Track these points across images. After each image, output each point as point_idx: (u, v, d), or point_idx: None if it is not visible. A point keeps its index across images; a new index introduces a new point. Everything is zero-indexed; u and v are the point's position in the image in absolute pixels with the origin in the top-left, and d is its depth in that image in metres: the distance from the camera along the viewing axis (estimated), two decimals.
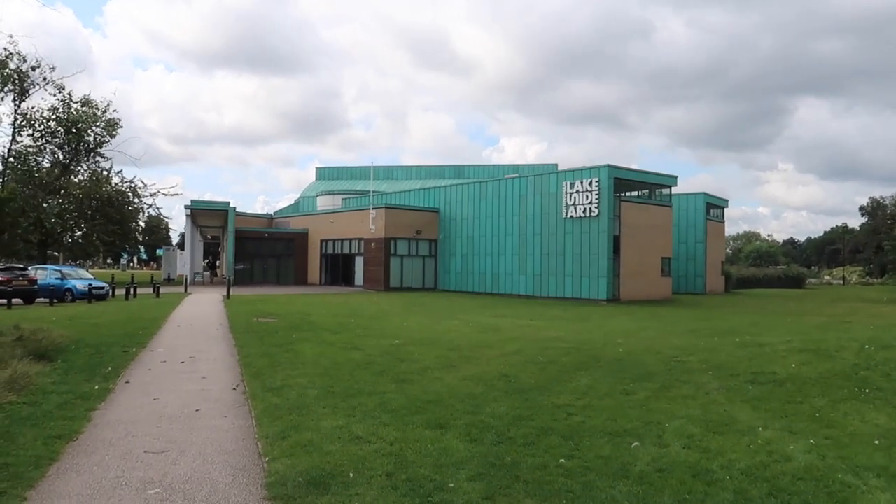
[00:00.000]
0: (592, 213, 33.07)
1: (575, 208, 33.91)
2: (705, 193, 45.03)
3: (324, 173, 75.05)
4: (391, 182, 67.40)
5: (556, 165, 61.17)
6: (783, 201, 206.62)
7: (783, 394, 8.79)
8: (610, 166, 32.76)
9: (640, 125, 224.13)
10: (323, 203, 57.95)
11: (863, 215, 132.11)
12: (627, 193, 35.44)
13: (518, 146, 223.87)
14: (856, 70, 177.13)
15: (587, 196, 33.34)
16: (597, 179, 32.90)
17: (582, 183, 33.59)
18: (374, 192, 45.12)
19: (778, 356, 11.46)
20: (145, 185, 44.86)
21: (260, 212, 65.80)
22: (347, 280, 43.94)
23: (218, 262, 65.89)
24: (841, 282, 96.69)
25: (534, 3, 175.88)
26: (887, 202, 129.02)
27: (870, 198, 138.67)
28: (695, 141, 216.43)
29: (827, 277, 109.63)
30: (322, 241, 46.17)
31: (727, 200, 49.32)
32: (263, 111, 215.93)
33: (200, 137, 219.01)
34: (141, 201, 45.40)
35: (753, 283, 55.20)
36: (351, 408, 7.63)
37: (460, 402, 8.15)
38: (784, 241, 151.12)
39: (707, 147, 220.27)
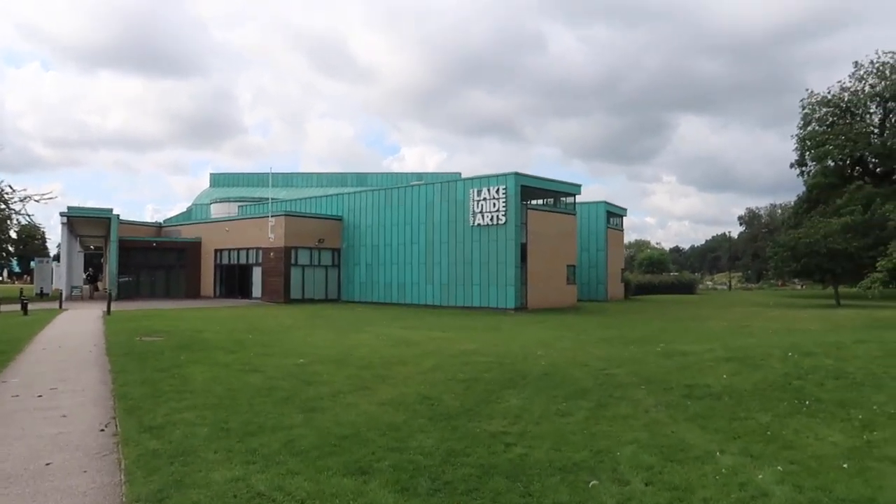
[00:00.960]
0: (500, 221, 32.69)
1: (482, 216, 33.43)
2: (605, 202, 45.98)
3: (218, 180, 71.34)
4: (291, 189, 64.89)
5: (460, 174, 60.96)
6: (668, 211, 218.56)
7: (724, 409, 8.23)
8: (517, 174, 32.53)
9: (535, 136, 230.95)
10: (217, 211, 54.82)
11: (741, 224, 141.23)
12: (533, 201, 35.37)
13: (419, 155, 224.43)
14: (730, 89, 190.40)
15: (494, 203, 32.94)
16: (504, 187, 32.58)
17: (489, 190, 33.17)
18: (273, 198, 42.93)
19: (706, 366, 11.05)
20: (13, 191, 40.60)
21: (150, 220, 61.52)
22: (244, 292, 41.45)
23: (100, 275, 61.06)
24: (726, 287, 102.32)
25: (430, 12, 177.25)
26: (762, 212, 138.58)
27: (746, 208, 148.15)
28: (587, 153, 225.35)
29: (710, 283, 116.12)
30: (216, 250, 43.40)
31: (626, 209, 50.76)
32: (153, 115, 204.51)
33: (83, 141, 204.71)
34: (9, 208, 41.01)
35: (650, 289, 57.08)
36: (250, 451, 6.29)
37: (381, 435, 7.00)
38: (670, 249, 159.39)
39: (598, 159, 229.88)
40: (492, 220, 33.04)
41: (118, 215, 39.27)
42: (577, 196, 37.46)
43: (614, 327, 22.82)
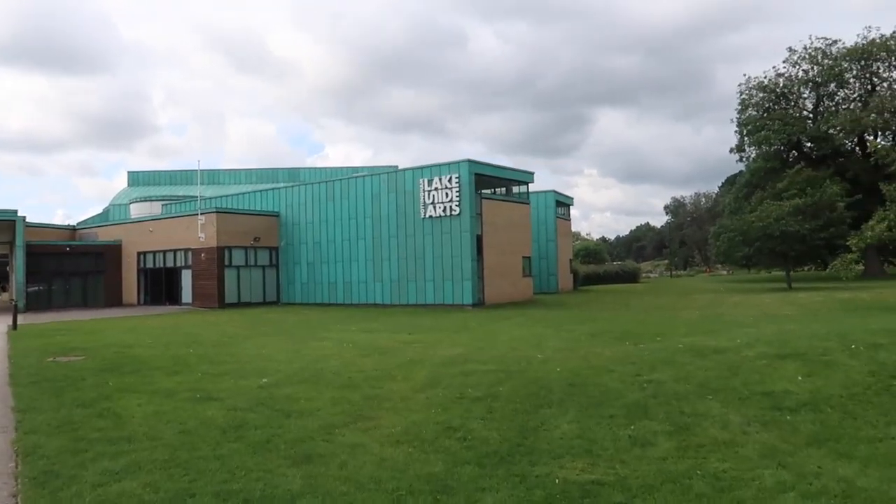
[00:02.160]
0: (453, 212, 30.66)
1: (434, 207, 31.32)
2: (554, 191, 44.71)
3: (138, 178, 66.29)
4: (218, 187, 60.82)
5: (397, 167, 58.57)
6: (590, 204, 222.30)
7: (843, 426, 6.47)
8: (470, 161, 30.58)
9: (459, 132, 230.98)
10: (138, 211, 50.44)
11: (666, 213, 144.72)
12: (486, 191, 33.54)
13: (343, 153, 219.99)
14: (644, 83, 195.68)
15: (447, 193, 30.89)
16: (457, 175, 30.56)
17: (441, 180, 31.09)
18: (201, 195, 39.43)
19: (760, 366, 9.35)
20: None
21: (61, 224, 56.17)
22: (173, 298, 37.88)
23: (5, 285, 55.65)
24: (656, 275, 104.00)
25: (346, 9, 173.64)
26: (687, 202, 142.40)
27: (672, 198, 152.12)
28: (510, 147, 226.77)
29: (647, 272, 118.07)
30: (139, 253, 39.55)
31: (572, 198, 49.73)
32: (57, 114, 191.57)
33: None
34: None
35: (595, 279, 56.44)
36: None
37: (432, 500, 4.83)
38: (597, 239, 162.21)
39: (522, 153, 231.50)
40: (444, 210, 30.97)
41: (24, 217, 34.99)
42: (529, 184, 35.87)
43: (590, 321, 21.19)
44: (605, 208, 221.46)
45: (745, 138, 52.45)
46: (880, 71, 48.23)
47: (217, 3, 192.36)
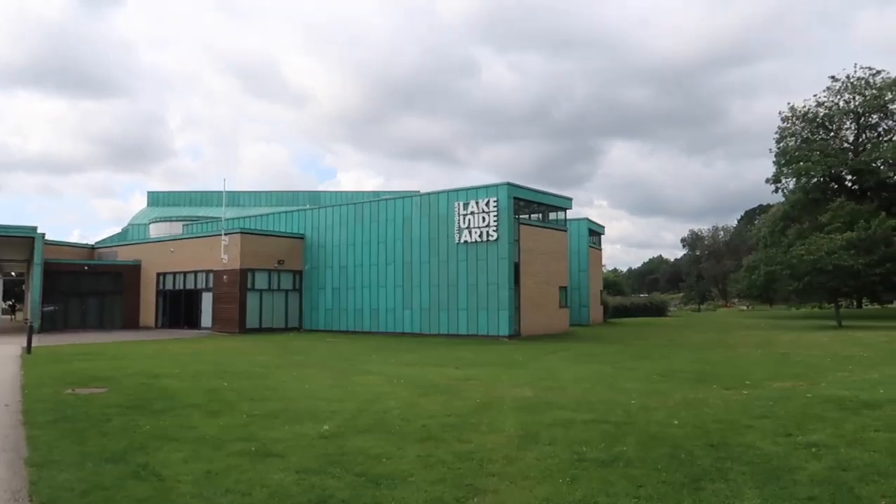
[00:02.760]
0: (491, 238, 29.09)
1: (470, 232, 29.77)
2: (588, 219, 43.11)
3: (158, 198, 65.50)
4: (238, 209, 59.74)
5: (419, 192, 57.27)
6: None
7: None
8: (509, 184, 29.10)
9: (469, 160, 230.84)
10: (158, 231, 49.33)
11: (684, 246, 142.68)
12: (524, 216, 31.99)
13: (355, 179, 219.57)
14: (656, 116, 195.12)
15: (484, 218, 29.35)
16: (495, 199, 29.06)
17: (478, 203, 29.58)
18: (225, 216, 38.11)
19: None
20: None
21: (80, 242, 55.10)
22: (192, 321, 36.38)
23: (19, 306, 54.53)
24: (674, 308, 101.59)
25: (362, 37, 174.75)
26: (705, 235, 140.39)
27: (690, 231, 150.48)
28: (521, 177, 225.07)
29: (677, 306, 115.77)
30: (159, 274, 38.19)
31: (604, 227, 48.05)
32: (75, 136, 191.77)
33: (1, 164, 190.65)
34: None
35: (622, 311, 54.47)
36: None
37: None
38: (609, 272, 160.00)
39: (532, 183, 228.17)
40: (481, 236, 29.41)
41: (43, 234, 33.77)
42: (567, 210, 34.29)
43: (646, 358, 19.43)
44: (616, 240, 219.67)
45: (783, 169, 50.72)
46: None
47: (234, 29, 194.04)
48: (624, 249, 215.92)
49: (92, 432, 8.19)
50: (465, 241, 29.90)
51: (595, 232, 45.34)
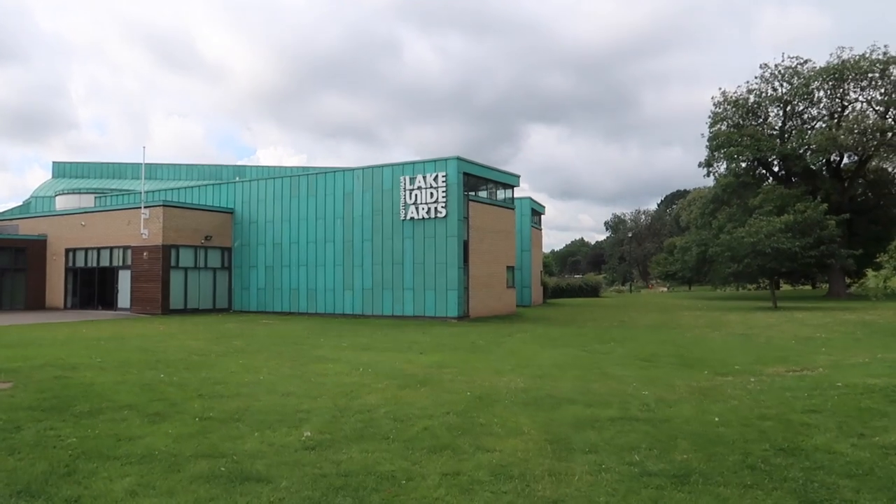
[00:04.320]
0: (439, 214, 27.57)
1: (417, 208, 28.14)
2: (531, 199, 42.21)
3: (64, 169, 60.12)
4: (156, 182, 55.67)
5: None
6: None
7: None
8: (459, 159, 27.60)
9: (393, 141, 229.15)
10: (65, 204, 44.95)
11: (607, 229, 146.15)
12: (471, 193, 30.60)
13: (276, 157, 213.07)
14: (575, 102, 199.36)
15: (432, 194, 27.78)
16: (444, 174, 27.51)
17: (425, 178, 27.96)
18: (148, 188, 34.81)
19: None
20: None
21: None
22: (107, 302, 33.16)
23: None
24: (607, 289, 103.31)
25: (280, 12, 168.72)
26: (627, 218, 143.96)
27: (613, 214, 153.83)
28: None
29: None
30: (68, 250, 34.60)
31: (544, 207, 47.36)
32: None
33: None
34: None
35: (559, 292, 54.29)
36: None
37: None
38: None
39: None
40: (429, 212, 27.84)
41: None
42: (515, 188, 33.17)
43: (612, 341, 18.51)
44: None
45: (715, 153, 51.45)
46: (850, 91, 48.02)
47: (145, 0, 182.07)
48: (545, 232, 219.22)
49: None
50: (412, 218, 28.26)
51: (536, 212, 44.57)
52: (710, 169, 53.29)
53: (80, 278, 34.52)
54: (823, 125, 48.69)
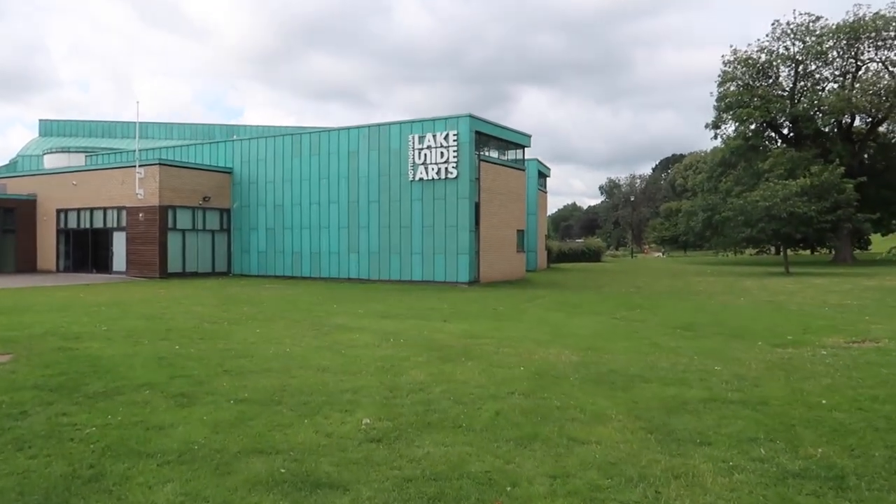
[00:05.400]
0: (450, 175, 26.40)
1: (426, 168, 26.94)
2: (538, 160, 40.98)
3: (51, 128, 58.11)
4: (147, 141, 53.76)
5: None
6: None
7: None
8: (471, 117, 26.32)
9: (383, 102, 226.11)
10: (54, 162, 43.25)
11: (602, 194, 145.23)
12: (482, 153, 29.39)
13: (266, 119, 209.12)
14: (567, 64, 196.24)
15: (442, 153, 26.56)
16: (455, 133, 26.26)
17: (435, 137, 26.70)
18: (139, 146, 33.33)
19: None
20: None
21: None
22: (101, 265, 31.97)
23: None
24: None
25: None
26: (622, 183, 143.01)
27: (607, 178, 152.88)
28: None
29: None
30: (59, 210, 33.23)
31: (550, 169, 46.16)
32: None
33: None
34: None
35: (562, 257, 53.45)
36: None
37: None
38: None
39: None
40: (439, 173, 26.66)
41: None
42: (526, 148, 31.95)
43: (639, 308, 17.65)
44: None
45: (723, 115, 50.17)
46: (864, 50, 46.62)
47: None
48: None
49: (6, 444, 5.19)
50: (421, 179, 27.07)
51: (542, 174, 43.40)
52: (718, 131, 52.12)
53: (73, 240, 33.23)
54: (836, 86, 47.46)
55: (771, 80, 50.10)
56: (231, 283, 27.12)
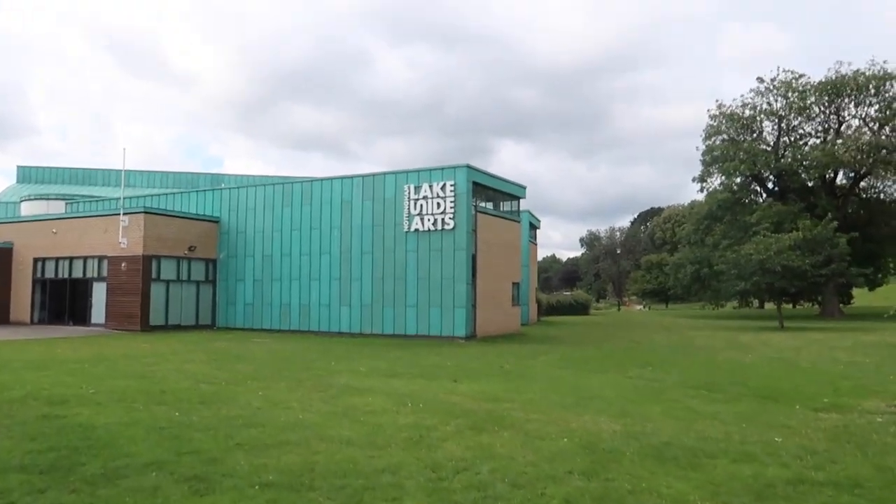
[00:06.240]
0: (447, 226, 25.81)
1: (422, 219, 26.34)
2: (529, 212, 40.69)
3: (29, 174, 56.96)
4: (129, 189, 52.81)
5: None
6: None
7: None
8: (469, 167, 25.94)
9: (362, 154, 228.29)
10: (32, 210, 42.12)
11: (582, 246, 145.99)
12: (480, 203, 28.92)
13: (244, 168, 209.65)
14: (544, 118, 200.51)
15: (439, 204, 26.02)
16: (452, 183, 25.81)
17: (431, 187, 26.21)
18: (124, 194, 32.35)
19: None
20: None
21: None
22: (78, 316, 30.57)
23: None
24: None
25: (249, 19, 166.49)
26: (601, 235, 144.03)
27: (588, 231, 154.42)
28: None
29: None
30: (36, 259, 31.95)
31: (540, 221, 45.96)
32: None
33: None
34: None
35: (550, 310, 52.82)
36: None
37: None
38: None
39: None
40: (435, 224, 26.07)
41: None
42: (521, 200, 31.61)
43: (649, 365, 16.98)
44: None
45: (709, 168, 50.66)
46: (845, 106, 47.62)
47: (108, 2, 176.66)
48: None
49: None
50: (417, 230, 26.45)
51: (533, 226, 43.10)
52: (704, 184, 52.55)
53: (50, 290, 31.87)
54: (818, 141, 48.28)
55: (755, 135, 50.87)
56: (217, 336, 25.96)
